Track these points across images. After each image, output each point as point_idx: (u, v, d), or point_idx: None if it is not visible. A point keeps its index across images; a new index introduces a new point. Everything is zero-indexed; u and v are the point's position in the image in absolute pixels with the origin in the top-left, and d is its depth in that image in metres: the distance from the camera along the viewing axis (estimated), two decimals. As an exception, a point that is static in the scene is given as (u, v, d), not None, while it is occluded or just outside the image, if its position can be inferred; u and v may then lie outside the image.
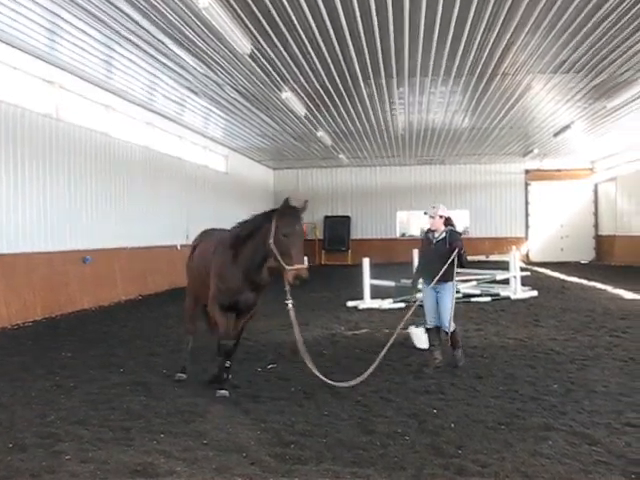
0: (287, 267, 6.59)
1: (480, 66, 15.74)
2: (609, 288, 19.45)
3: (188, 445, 5.67)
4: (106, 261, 17.51)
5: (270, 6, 11.51)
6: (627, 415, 6.40)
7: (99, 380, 8.30)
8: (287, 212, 6.91)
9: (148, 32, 13.01)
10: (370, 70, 16.00)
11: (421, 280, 9.48)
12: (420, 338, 10.19)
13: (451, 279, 8.87)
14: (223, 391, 7.31)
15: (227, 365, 7.41)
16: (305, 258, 6.88)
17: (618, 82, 17.47)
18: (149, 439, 5.83)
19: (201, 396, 7.36)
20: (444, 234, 8.96)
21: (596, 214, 35.70)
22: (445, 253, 8.71)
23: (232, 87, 17.74)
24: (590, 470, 4.95)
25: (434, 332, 9.09)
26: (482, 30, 13.00)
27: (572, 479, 4.80)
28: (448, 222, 9.10)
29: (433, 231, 9.13)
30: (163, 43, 13.72)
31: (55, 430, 6.11)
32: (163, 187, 21.89)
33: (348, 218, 37.10)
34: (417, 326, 10.45)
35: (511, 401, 7.02)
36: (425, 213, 9.35)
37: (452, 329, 8.90)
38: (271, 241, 6.72)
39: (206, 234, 8.62)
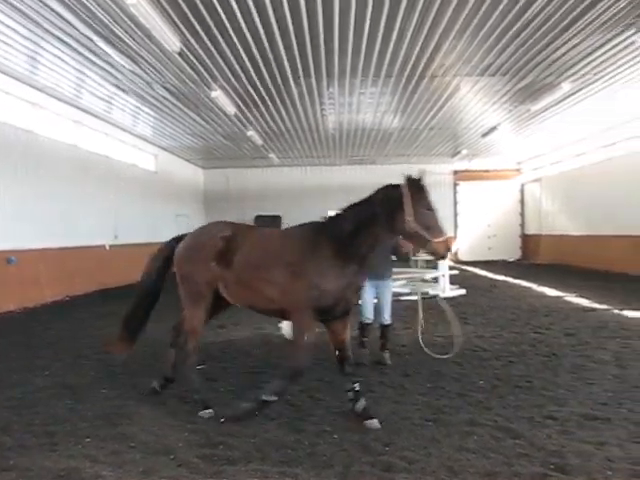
0: (434, 240, 6.14)
1: (409, 68, 15.98)
2: (534, 286, 19.94)
3: (114, 448, 5.59)
4: (32, 262, 17.06)
5: (199, 4, 11.44)
6: (549, 409, 6.60)
7: (23, 384, 8.10)
8: (421, 185, 6.31)
9: (75, 28, 12.75)
10: (300, 70, 16.05)
11: None
12: None
13: (391, 275, 9.32)
14: None
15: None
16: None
17: (542, 86, 18.01)
18: (74, 443, 5.74)
19: (129, 398, 7.25)
20: None
21: (522, 214, 36.68)
22: (384, 250, 8.86)
23: (161, 85, 17.53)
24: (513, 463, 5.11)
25: (368, 328, 9.32)
26: (410, 33, 13.21)
27: (495, 472, 4.93)
28: None
29: None
30: (90, 40, 13.47)
31: (-24, 438, 5.93)
32: (91, 186, 21.43)
33: (279, 217, 37.01)
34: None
35: (438, 398, 7.15)
36: None
37: (390, 322, 9.30)
38: (410, 218, 6.11)
39: (248, 229, 7.19)
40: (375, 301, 9.33)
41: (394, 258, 9.25)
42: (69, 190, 19.79)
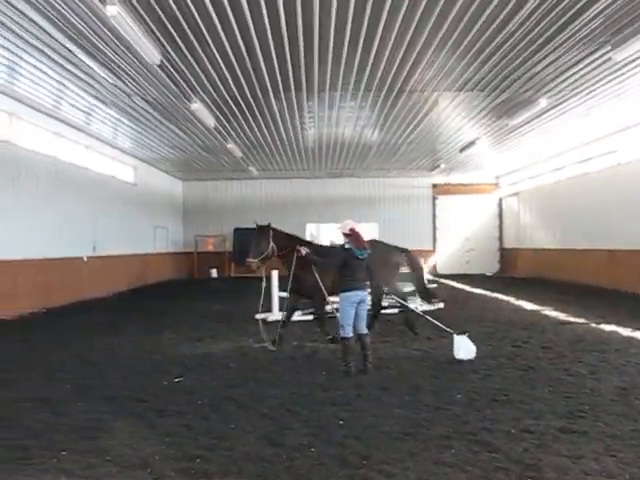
0: None
1: (388, 82, 16.04)
2: (512, 299, 20.05)
3: (90, 462, 5.53)
4: (8, 274, 16.86)
5: (180, 17, 11.41)
6: (525, 422, 6.62)
7: (-5, 397, 7.98)
8: None
9: (55, 39, 12.65)
10: (280, 83, 16.05)
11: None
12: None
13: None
14: None
15: None
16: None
17: (519, 101, 18.17)
18: (49, 457, 5.68)
19: (105, 412, 7.19)
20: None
21: (500, 227, 36.84)
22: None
23: (141, 97, 17.46)
24: (490, 476, 5.12)
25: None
26: (390, 47, 13.26)
27: (472, 486, 4.95)
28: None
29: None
30: (70, 51, 13.38)
31: (-53, 453, 5.83)
32: (69, 198, 21.27)
33: (259, 230, 36.92)
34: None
35: (416, 411, 7.15)
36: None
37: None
38: None
39: None
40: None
41: None
42: (47, 201, 19.62)
